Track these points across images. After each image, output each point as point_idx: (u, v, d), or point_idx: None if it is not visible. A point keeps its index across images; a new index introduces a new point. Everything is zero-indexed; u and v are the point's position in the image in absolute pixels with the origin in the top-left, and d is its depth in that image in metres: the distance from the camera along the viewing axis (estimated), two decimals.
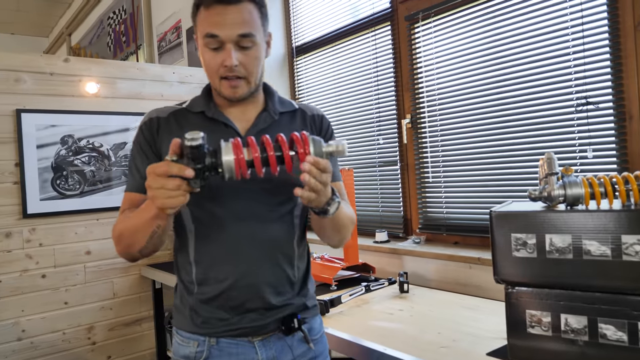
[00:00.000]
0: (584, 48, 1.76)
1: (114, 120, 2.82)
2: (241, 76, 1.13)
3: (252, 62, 1.14)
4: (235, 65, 1.11)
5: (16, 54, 2.57)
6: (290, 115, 1.27)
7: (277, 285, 1.19)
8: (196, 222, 1.18)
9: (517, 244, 1.20)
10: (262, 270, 1.16)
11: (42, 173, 2.59)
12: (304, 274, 1.27)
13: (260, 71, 1.18)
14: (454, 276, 2.10)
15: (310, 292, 1.28)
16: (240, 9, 1.09)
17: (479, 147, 2.13)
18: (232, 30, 1.09)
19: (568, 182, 1.17)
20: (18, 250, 2.54)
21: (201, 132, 0.91)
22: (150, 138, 1.21)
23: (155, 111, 1.26)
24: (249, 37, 1.10)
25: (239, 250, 1.16)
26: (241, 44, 1.11)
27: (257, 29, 1.12)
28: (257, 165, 0.94)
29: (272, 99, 1.26)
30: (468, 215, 2.20)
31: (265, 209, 1.17)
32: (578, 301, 1.12)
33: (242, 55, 1.12)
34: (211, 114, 1.20)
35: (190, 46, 3.93)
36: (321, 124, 1.30)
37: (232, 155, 0.92)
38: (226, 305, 1.16)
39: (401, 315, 1.75)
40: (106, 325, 2.79)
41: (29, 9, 6.69)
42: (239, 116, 1.21)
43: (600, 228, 1.09)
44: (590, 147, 1.75)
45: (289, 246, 1.21)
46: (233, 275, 1.15)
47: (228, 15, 1.09)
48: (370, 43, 2.62)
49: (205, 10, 1.11)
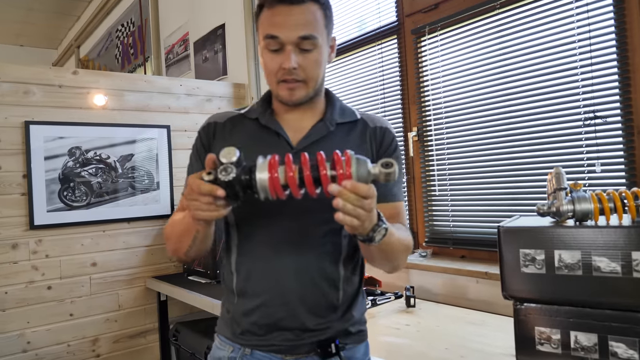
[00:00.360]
0: (592, 62, 1.76)
1: (121, 132, 2.83)
2: (300, 79, 1.09)
3: (312, 66, 1.09)
4: (293, 68, 1.07)
5: (26, 67, 2.59)
6: (349, 127, 1.19)
7: (316, 308, 1.12)
8: (239, 232, 1.17)
9: (526, 259, 1.18)
10: (298, 290, 1.11)
11: (50, 184, 2.60)
12: (352, 297, 1.18)
13: (321, 76, 1.13)
14: (460, 291, 2.08)
15: (355, 317, 1.19)
16: (304, 10, 1.05)
17: (485, 161, 2.13)
18: (293, 31, 1.05)
19: (577, 198, 1.16)
20: (24, 262, 2.54)
21: (237, 149, 0.89)
22: (207, 143, 1.20)
23: (214, 116, 1.24)
24: (310, 39, 1.06)
25: (277, 266, 1.12)
26: (302, 46, 1.06)
27: (319, 31, 1.08)
28: (292, 185, 0.88)
29: (332, 107, 1.20)
30: (475, 229, 2.19)
31: (309, 226, 1.12)
32: (588, 318, 1.11)
33: (302, 58, 1.07)
34: (265, 121, 1.16)
35: (198, 58, 3.95)
36: (383, 137, 1.20)
37: (266, 173, 0.87)
38: (261, 321, 1.13)
39: (408, 331, 1.73)
40: (111, 337, 2.78)
41: (39, 21, 6.77)
42: (295, 124, 1.16)
43: (610, 244, 1.07)
44: (599, 162, 1.74)
45: (332, 267, 1.14)
46: (268, 292, 1.12)
47: (290, 16, 1.05)
48: (377, 56, 2.63)
49: (267, 11, 1.08)
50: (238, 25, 3.38)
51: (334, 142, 1.14)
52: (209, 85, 3.23)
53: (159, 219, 2.95)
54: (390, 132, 1.22)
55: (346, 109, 1.22)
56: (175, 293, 2.61)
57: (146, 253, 2.90)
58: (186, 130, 3.08)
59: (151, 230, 2.92)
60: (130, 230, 2.84)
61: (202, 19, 3.88)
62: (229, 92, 3.28)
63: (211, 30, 3.74)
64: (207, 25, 3.80)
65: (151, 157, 2.93)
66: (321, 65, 1.11)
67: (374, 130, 1.20)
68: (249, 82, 3.24)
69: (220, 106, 3.22)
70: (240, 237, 1.17)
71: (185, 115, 3.08)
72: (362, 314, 1.23)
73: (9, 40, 7.34)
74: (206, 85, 3.21)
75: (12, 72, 2.54)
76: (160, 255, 2.95)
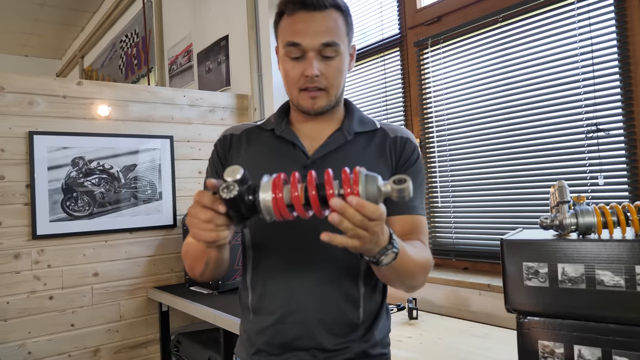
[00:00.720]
0: (594, 75, 1.76)
1: (124, 143, 2.84)
2: (322, 87, 1.06)
3: (334, 73, 1.06)
4: (316, 75, 1.04)
5: (30, 77, 2.61)
6: (369, 137, 1.15)
7: (334, 327, 1.07)
8: (255, 246, 1.14)
9: (529, 272, 1.18)
10: (316, 308, 1.07)
11: (53, 194, 2.61)
12: (374, 316, 1.13)
13: (342, 85, 1.11)
14: (463, 303, 2.07)
15: (376, 338, 1.13)
16: (326, 17, 1.04)
17: (488, 173, 2.13)
18: (315, 38, 1.03)
19: (580, 211, 1.16)
20: (26, 272, 2.54)
21: (242, 168, 0.84)
22: (222, 155, 1.19)
23: (231, 129, 1.22)
24: (332, 46, 1.04)
25: (293, 282, 1.08)
26: (324, 53, 1.04)
27: (341, 38, 1.06)
28: (298, 206, 0.81)
29: (351, 116, 1.16)
30: (477, 241, 2.18)
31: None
32: (592, 332, 1.11)
33: (324, 65, 1.05)
34: (280, 131, 1.14)
35: (201, 69, 3.98)
36: (403, 148, 1.15)
37: (269, 194, 0.81)
38: (275, 340, 1.09)
39: (411, 343, 1.72)
40: (112, 347, 2.78)
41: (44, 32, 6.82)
42: (312, 134, 1.14)
43: (613, 258, 1.07)
44: (601, 174, 1.74)
45: (351, 284, 1.09)
46: (283, 309, 1.08)
47: (312, 23, 1.03)
48: (380, 68, 2.64)
49: (288, 18, 1.05)
50: (241, 36, 3.40)
51: (352, 152, 1.11)
52: (212, 96, 3.25)
53: (162, 229, 2.95)
54: (411, 142, 1.17)
55: (366, 118, 1.19)
56: (176, 304, 2.61)
57: (148, 263, 2.90)
58: (189, 141, 3.09)
59: (153, 240, 2.92)
60: (132, 240, 2.84)
61: (206, 30, 3.90)
62: (232, 103, 3.29)
63: (215, 41, 3.76)
64: (210, 36, 3.83)
65: (154, 167, 2.94)
66: (343, 73, 1.08)
67: (394, 140, 1.15)
68: (252, 93, 3.26)
69: (223, 117, 3.23)
70: (256, 253, 1.14)
71: (188, 126, 3.09)
72: (384, 335, 1.17)
73: (14, 51, 7.40)
74: (209, 96, 3.22)
75: (17, 82, 2.56)
76: (162, 265, 2.95)
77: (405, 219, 1.11)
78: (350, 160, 1.09)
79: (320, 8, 1.03)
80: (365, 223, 0.78)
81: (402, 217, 1.11)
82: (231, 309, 2.22)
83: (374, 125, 1.18)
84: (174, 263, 2.99)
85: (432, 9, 2.33)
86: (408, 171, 1.13)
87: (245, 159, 1.15)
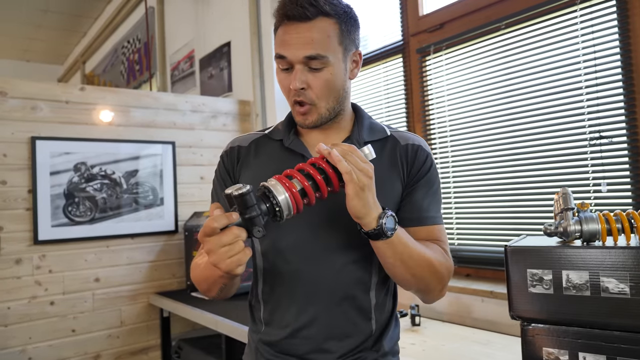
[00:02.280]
0: (597, 82, 1.77)
1: (126, 148, 2.85)
2: (309, 101, 1.04)
3: (322, 86, 1.02)
4: (300, 88, 1.01)
5: (33, 82, 2.62)
6: (379, 145, 1.11)
7: (345, 339, 1.06)
8: (265, 259, 1.12)
9: (533, 279, 1.18)
10: (327, 321, 1.06)
11: (55, 200, 2.61)
12: (384, 325, 1.12)
13: (338, 95, 1.06)
14: (466, 309, 2.07)
15: (385, 348, 1.11)
16: (312, 27, 0.99)
17: (490, 179, 2.13)
18: (298, 50, 0.99)
19: (584, 218, 1.15)
20: (27, 277, 2.54)
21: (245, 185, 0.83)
22: (230, 167, 1.15)
23: (238, 140, 1.19)
24: (317, 58, 1.00)
25: (303, 295, 1.07)
26: (311, 65, 1.01)
27: (330, 48, 1.01)
28: (310, 193, 0.89)
29: (360, 124, 1.13)
30: (480, 247, 2.18)
31: (336, 253, 1.06)
32: (597, 340, 1.10)
33: (312, 77, 1.01)
34: (288, 143, 1.11)
35: (203, 75, 3.99)
36: (415, 156, 1.11)
37: (284, 193, 0.86)
38: (287, 353, 1.08)
39: (413, 350, 1.72)
40: (113, 354, 2.77)
41: (46, 37, 6.85)
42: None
43: (618, 265, 1.07)
44: (604, 181, 1.74)
45: (363, 295, 1.08)
46: (295, 322, 1.07)
47: (298, 34, 0.99)
48: (382, 75, 2.65)
49: (280, 28, 1.03)
50: (244, 42, 3.41)
51: None
52: (215, 102, 3.25)
53: (163, 235, 2.95)
54: (424, 150, 1.12)
55: (376, 125, 1.15)
56: (178, 309, 2.60)
57: (149, 269, 2.90)
58: (191, 147, 3.09)
59: (155, 246, 2.92)
60: (134, 245, 2.84)
61: (208, 36, 3.91)
62: (234, 108, 3.30)
63: (217, 47, 3.77)
64: (212, 42, 3.84)
65: (156, 172, 2.94)
66: (334, 84, 1.04)
67: (404, 149, 1.11)
68: (254, 98, 3.26)
69: (225, 123, 3.24)
70: (266, 265, 1.12)
71: (190, 132, 3.09)
72: (393, 344, 1.15)
73: (16, 56, 7.42)
74: (211, 102, 3.23)
75: (20, 88, 2.56)
76: (163, 271, 2.95)
77: (420, 230, 1.08)
78: None
79: (305, 19, 0.99)
80: (360, 164, 0.88)
81: (417, 229, 1.08)
82: (233, 315, 2.21)
83: (384, 133, 1.13)
84: (175, 268, 2.99)
85: (435, 16, 2.34)
86: (419, 181, 1.10)
87: (255, 171, 1.13)
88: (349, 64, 1.08)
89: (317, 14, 1.00)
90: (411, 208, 1.09)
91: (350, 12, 1.06)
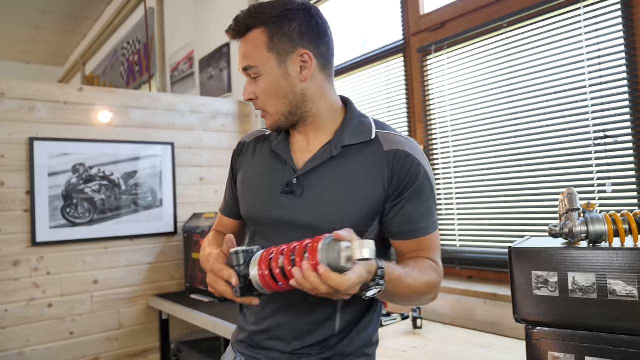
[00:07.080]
0: (601, 81, 1.74)
1: (125, 149, 2.82)
2: (261, 109, 1.12)
3: (263, 94, 1.08)
4: (248, 99, 1.10)
5: (31, 83, 2.60)
6: (361, 148, 1.08)
7: (309, 338, 1.09)
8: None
9: (538, 282, 1.15)
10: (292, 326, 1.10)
11: (53, 201, 2.59)
12: (354, 321, 1.11)
13: (287, 100, 1.07)
14: (468, 312, 2.04)
15: (355, 342, 1.11)
16: (245, 41, 1.07)
17: (492, 180, 2.10)
18: (239, 65, 1.10)
19: (590, 219, 1.13)
20: (25, 279, 2.51)
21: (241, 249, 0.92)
22: (234, 162, 1.25)
23: (247, 135, 1.27)
24: (250, 69, 1.07)
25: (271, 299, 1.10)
26: (251, 75, 1.08)
27: (257, 58, 1.05)
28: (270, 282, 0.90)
29: (345, 127, 1.10)
30: (482, 249, 2.15)
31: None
32: (603, 344, 1.07)
33: (255, 87, 1.09)
34: (274, 146, 1.15)
35: (203, 76, 3.97)
36: (401, 164, 1.05)
37: (256, 269, 0.90)
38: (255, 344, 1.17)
39: (415, 353, 1.69)
40: (111, 356, 2.74)
41: (46, 39, 6.84)
42: (304, 146, 1.13)
43: (625, 267, 1.04)
44: (609, 182, 1.71)
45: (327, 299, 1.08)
46: (263, 323, 1.14)
47: (239, 49, 1.09)
48: (382, 75, 2.63)
49: None
50: None
51: (338, 168, 1.07)
52: (214, 103, 3.23)
53: (162, 237, 2.92)
54: (411, 157, 1.05)
55: (363, 126, 1.11)
56: (177, 312, 2.58)
57: (148, 271, 2.87)
58: (190, 147, 3.07)
59: (154, 247, 2.89)
60: (132, 247, 2.81)
61: (208, 37, 3.90)
62: (234, 109, 3.28)
63: (216, 48, 3.75)
64: (212, 43, 3.82)
65: (155, 174, 2.92)
66: (275, 90, 1.06)
67: (388, 155, 1.06)
68: None
69: (224, 123, 3.22)
70: None
71: (189, 132, 3.07)
72: (368, 337, 1.14)
73: (16, 57, 7.42)
74: (211, 103, 3.21)
75: (17, 88, 2.54)
76: (162, 273, 2.92)
77: (411, 243, 1.09)
78: (334, 176, 1.07)
79: (241, 35, 1.08)
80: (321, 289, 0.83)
81: (409, 242, 1.09)
82: (232, 317, 2.18)
83: (368, 136, 1.09)
84: (174, 270, 2.96)
85: (436, 15, 2.31)
86: (407, 191, 1.05)
87: (245, 172, 1.21)
88: (293, 67, 1.06)
89: (247, 29, 1.07)
90: (401, 221, 1.07)
91: (287, 14, 1.04)
